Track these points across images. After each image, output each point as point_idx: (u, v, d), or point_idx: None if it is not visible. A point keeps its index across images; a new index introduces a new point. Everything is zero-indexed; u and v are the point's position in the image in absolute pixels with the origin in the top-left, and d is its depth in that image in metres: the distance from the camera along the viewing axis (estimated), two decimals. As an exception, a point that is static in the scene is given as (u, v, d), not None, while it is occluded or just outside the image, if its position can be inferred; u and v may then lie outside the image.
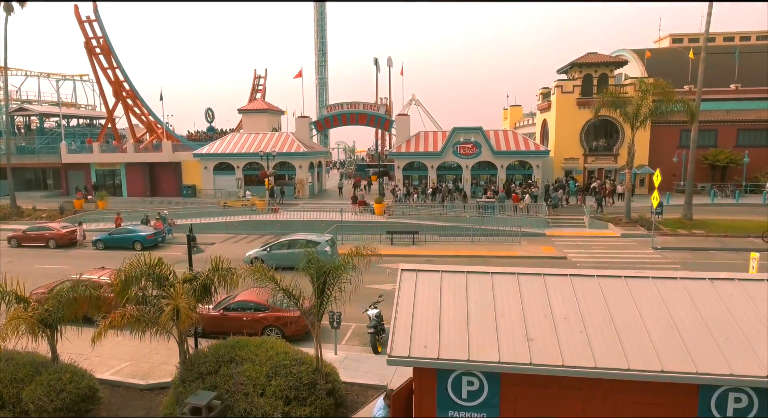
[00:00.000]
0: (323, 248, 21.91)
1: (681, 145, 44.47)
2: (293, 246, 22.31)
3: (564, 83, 43.96)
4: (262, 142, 45.75)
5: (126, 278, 10.14)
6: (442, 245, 27.09)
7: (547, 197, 34.23)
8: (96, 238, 28.58)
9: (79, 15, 42.83)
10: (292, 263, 22.14)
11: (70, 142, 49.03)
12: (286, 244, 22.70)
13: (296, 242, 22.47)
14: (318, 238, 22.74)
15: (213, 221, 33.57)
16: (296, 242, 22.52)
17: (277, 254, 22.26)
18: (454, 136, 41.99)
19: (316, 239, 22.52)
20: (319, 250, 22.19)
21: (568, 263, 22.93)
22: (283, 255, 22.15)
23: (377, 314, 14.80)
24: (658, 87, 29.46)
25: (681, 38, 56.03)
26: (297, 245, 22.36)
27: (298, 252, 22.44)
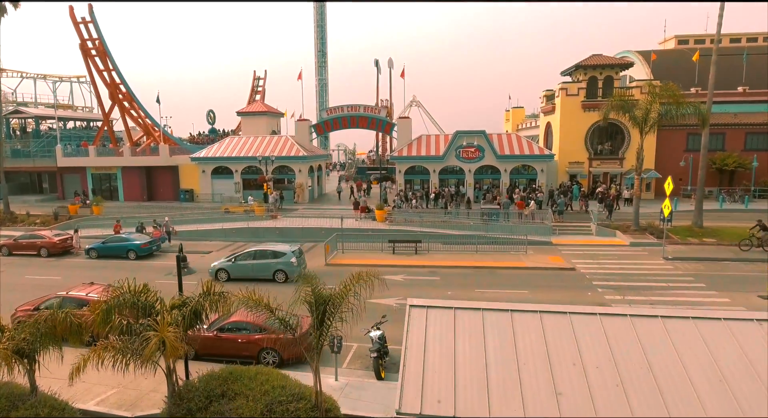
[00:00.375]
0: (288, 259, 21.37)
1: (688, 148, 43.67)
2: (259, 257, 21.83)
3: (568, 86, 43.11)
4: (261, 145, 44.92)
5: (107, 307, 9.28)
6: (446, 254, 26.24)
7: (552, 203, 33.37)
8: (89, 246, 27.74)
9: (74, 16, 41.98)
10: (257, 274, 21.41)
11: (65, 146, 48.19)
12: (251, 254, 22.18)
13: (262, 253, 21.98)
14: (284, 248, 22.20)
15: (210, 228, 32.72)
16: (262, 252, 22.05)
17: (243, 265, 21.75)
18: (456, 140, 41.15)
19: (282, 249, 22.03)
20: (284, 261, 21.63)
21: (578, 274, 22.09)
22: (249, 266, 21.62)
23: (380, 336, 13.96)
24: (667, 91, 28.62)
25: (687, 39, 55.21)
26: (262, 256, 21.78)
27: (264, 263, 21.76)
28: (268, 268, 21.49)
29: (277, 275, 21.56)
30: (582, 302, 18.30)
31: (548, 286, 20.42)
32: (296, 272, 21.38)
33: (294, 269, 21.19)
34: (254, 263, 21.77)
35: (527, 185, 41.47)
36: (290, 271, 21.25)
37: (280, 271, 21.45)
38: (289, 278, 21.36)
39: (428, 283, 21.24)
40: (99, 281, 22.69)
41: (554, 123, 45.89)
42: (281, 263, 21.48)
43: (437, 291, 19.94)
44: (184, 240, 31.06)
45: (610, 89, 43.35)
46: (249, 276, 21.28)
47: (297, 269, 21.28)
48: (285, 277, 21.47)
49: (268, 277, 21.48)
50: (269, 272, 21.49)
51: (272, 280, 21.60)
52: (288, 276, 21.37)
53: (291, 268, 21.31)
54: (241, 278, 21.29)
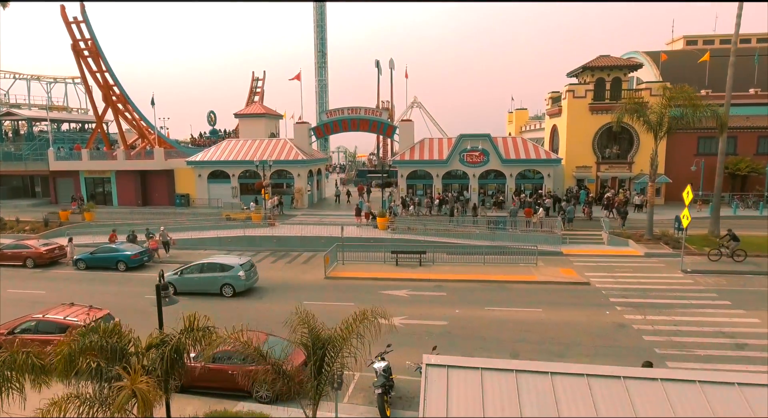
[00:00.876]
0: (236, 273, 20.63)
1: (699, 152, 42.44)
2: (206, 270, 21.14)
3: (576, 87, 41.83)
4: (258, 149, 43.64)
5: (70, 352, 7.98)
6: (452, 266, 24.95)
7: (561, 210, 32.07)
8: (76, 257, 26.43)
9: (66, 16, 40.68)
10: (205, 287, 20.22)
11: (58, 149, 46.87)
12: (198, 267, 21.44)
13: (209, 266, 21.28)
14: (232, 261, 21.41)
15: (205, 236, 31.41)
16: (209, 265, 21.34)
17: (190, 278, 21.01)
18: (460, 144, 39.88)
19: (230, 262, 21.27)
20: (231, 275, 20.81)
21: (593, 289, 20.80)
22: (195, 280, 20.89)
23: (385, 368, 12.64)
24: (683, 93, 27.33)
25: (695, 40, 53.94)
26: (210, 269, 21.07)
27: (211, 277, 20.57)
28: (215, 282, 20.92)
29: (224, 289, 20.91)
30: (600, 322, 17.05)
31: (562, 303, 19.12)
32: (244, 286, 20.65)
33: (241, 282, 20.75)
34: (201, 276, 21.11)
35: (533, 191, 40.19)
36: (237, 285, 20.68)
37: (228, 285, 20.85)
38: (236, 291, 20.67)
39: (434, 299, 19.95)
40: (86, 295, 21.50)
41: (560, 126, 44.62)
42: (228, 276, 20.83)
43: (444, 309, 18.65)
44: (177, 249, 29.89)
45: (618, 91, 42.13)
46: (196, 290, 20.86)
47: (244, 283, 20.76)
48: (232, 291, 20.83)
49: (215, 291, 20.92)
50: (216, 286, 20.92)
51: (219, 294, 20.93)
52: (235, 290, 20.69)
53: (238, 282, 20.76)
54: (188, 291, 20.74)
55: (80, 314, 14.97)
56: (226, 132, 72.58)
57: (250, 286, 21.38)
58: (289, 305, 20.04)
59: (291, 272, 24.94)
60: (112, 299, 20.92)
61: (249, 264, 21.68)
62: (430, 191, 41.03)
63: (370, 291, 21.18)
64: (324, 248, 28.23)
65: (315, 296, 20.78)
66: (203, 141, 69.75)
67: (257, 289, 22.01)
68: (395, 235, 30.14)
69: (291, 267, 26.13)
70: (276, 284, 22.69)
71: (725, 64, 45.58)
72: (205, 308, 12.51)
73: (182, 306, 20.05)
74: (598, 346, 15.17)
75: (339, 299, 20.13)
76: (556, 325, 16.89)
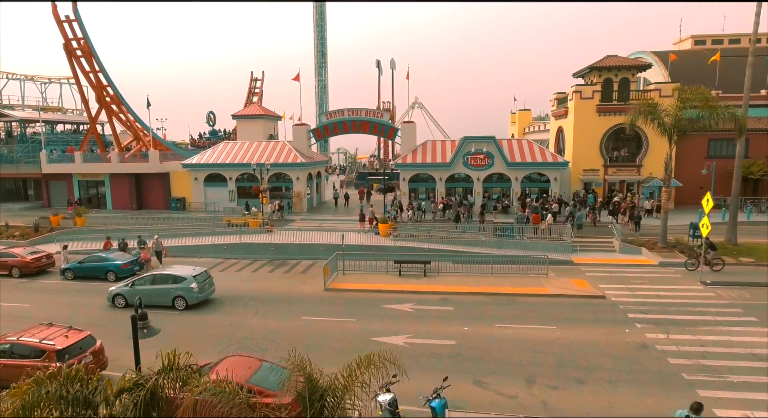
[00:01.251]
0: (188, 285, 19.74)
1: (709, 155, 41.22)
2: (158, 282, 20.31)
3: (583, 88, 40.61)
4: (256, 151, 42.47)
5: (23, 404, 6.79)
6: (458, 276, 23.74)
7: (570, 216, 30.86)
8: (64, 266, 25.23)
9: (58, 14, 39.48)
10: (156, 300, 19.10)
11: (50, 151, 45.68)
12: (150, 279, 20.61)
13: (161, 277, 20.43)
14: (185, 273, 20.46)
15: (200, 243, 30.20)
16: (161, 277, 20.49)
17: (141, 290, 20.08)
18: (464, 146, 38.69)
19: (183, 274, 20.34)
20: (183, 287, 19.87)
21: (608, 304, 19.59)
22: (147, 292, 19.92)
23: (390, 401, 11.42)
24: (699, 95, 26.15)
25: (704, 40, 52.75)
26: (162, 281, 20.21)
27: (163, 288, 19.42)
28: (167, 294, 20.05)
29: (176, 301, 20.03)
30: (620, 342, 15.85)
31: (577, 319, 17.93)
32: (197, 299, 19.78)
33: (194, 295, 19.88)
34: (152, 288, 20.23)
35: (539, 194, 38.99)
36: (190, 297, 19.86)
37: (180, 297, 19.96)
38: (189, 304, 19.86)
39: (441, 315, 18.74)
40: (71, 309, 20.30)
41: (567, 128, 43.41)
42: (180, 288, 19.94)
43: (451, 326, 17.45)
44: (171, 257, 28.70)
45: (627, 92, 40.95)
46: (148, 302, 19.90)
47: (197, 296, 19.86)
48: (185, 304, 19.92)
49: (167, 303, 20.01)
50: (168, 299, 20.03)
51: (172, 306, 20.00)
52: (188, 303, 19.87)
53: (191, 294, 19.88)
54: (139, 303, 19.50)
55: (58, 337, 13.77)
56: (226, 132, 71.45)
57: (205, 298, 20.51)
58: (288, 321, 19.01)
59: (289, 283, 23.74)
60: (99, 313, 19.76)
61: (204, 275, 20.78)
62: (433, 195, 39.84)
63: (373, 305, 19.98)
64: (324, 257, 27.07)
65: (314, 310, 19.59)
66: (203, 142, 68.65)
67: (214, 301, 21.00)
68: (398, 242, 28.94)
69: (289, 277, 24.92)
70: (273, 296, 21.50)
71: (735, 64, 44.73)
72: (154, 321, 11.36)
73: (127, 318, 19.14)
74: (621, 371, 13.97)
75: (339, 314, 18.95)
76: (572, 345, 15.69)
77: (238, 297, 21.46)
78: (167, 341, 16.32)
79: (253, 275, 25.31)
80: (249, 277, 25.02)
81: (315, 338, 16.75)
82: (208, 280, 20.90)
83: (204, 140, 69.68)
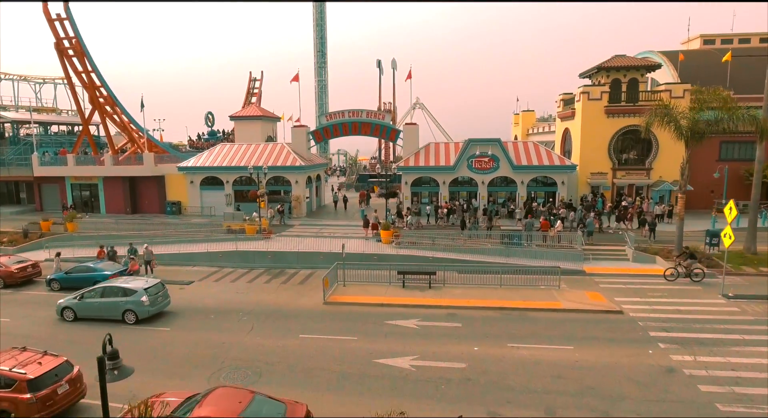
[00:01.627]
0: (138, 298, 18.77)
1: (720, 158, 40.01)
2: (108, 294, 19.32)
3: (591, 89, 39.40)
4: (254, 154, 41.25)
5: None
6: (465, 287, 22.50)
7: (580, 222, 29.61)
8: (50, 276, 24.01)
9: (48, 13, 38.25)
10: (106, 313, 17.90)
11: (42, 153, 44.45)
12: (99, 291, 19.57)
13: (111, 290, 19.41)
14: (136, 285, 19.44)
15: (194, 251, 28.95)
16: (111, 289, 19.45)
17: (90, 303, 19.27)
18: (468, 149, 37.46)
19: (134, 286, 19.33)
20: (133, 300, 18.84)
21: (627, 320, 18.36)
22: (96, 305, 19.14)
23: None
24: (717, 96, 24.94)
25: (712, 39, 51.47)
26: (112, 294, 19.23)
27: (112, 302, 18.19)
28: (116, 307, 19.09)
29: (126, 315, 19.04)
30: (644, 365, 14.62)
31: (596, 338, 16.69)
32: (147, 313, 18.84)
33: (144, 309, 18.89)
34: (102, 301, 19.31)
35: (546, 199, 37.77)
36: (140, 311, 18.91)
37: (130, 311, 18.97)
38: (139, 318, 18.90)
39: (448, 332, 17.50)
40: (54, 326, 18.99)
41: (573, 129, 42.20)
42: (131, 302, 18.96)
43: (460, 346, 16.21)
44: (163, 265, 27.50)
45: (635, 93, 39.78)
46: (97, 316, 19.25)
47: (148, 309, 18.96)
48: (135, 318, 18.93)
49: (117, 317, 19.05)
50: (118, 312, 19.06)
51: (122, 321, 19.01)
52: (138, 317, 18.92)
53: (141, 308, 18.89)
54: (88, 317, 19.11)
55: (31, 364, 12.54)
56: (225, 133, 70.22)
57: (157, 311, 19.55)
58: (285, 339, 17.65)
59: (286, 295, 22.48)
60: (82, 331, 18.48)
61: (156, 288, 19.76)
62: (436, 199, 38.60)
63: (375, 321, 18.74)
64: (323, 265, 25.92)
65: (312, 326, 18.34)
66: (201, 143, 67.40)
67: (169, 314, 19.97)
68: (401, 250, 27.71)
69: (286, 288, 23.67)
70: (269, 310, 20.25)
71: (747, 64, 43.54)
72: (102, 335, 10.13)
73: (80, 334, 17.90)
74: (649, 400, 12.73)
75: (340, 331, 17.71)
76: (593, 369, 14.46)
77: (232, 311, 20.23)
78: (151, 364, 15.11)
79: (249, 286, 24.07)
80: (244, 288, 23.78)
81: (314, 359, 15.52)
82: (162, 292, 19.93)
83: (202, 141, 68.45)
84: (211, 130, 70.51)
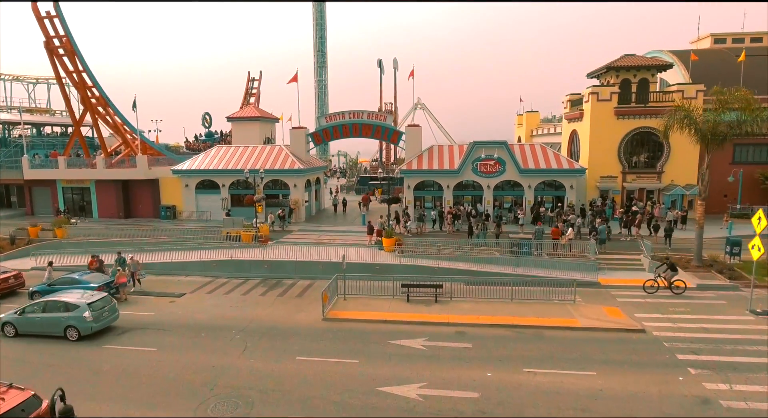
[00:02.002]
0: (81, 313, 17.61)
1: (735, 161, 38.64)
2: (49, 309, 18.20)
3: (600, 89, 38.04)
4: (251, 156, 39.90)
5: None
6: (474, 302, 21.13)
7: (593, 229, 28.24)
8: (32, 289, 22.63)
9: (38, 10, 36.88)
10: (47, 329, 18.22)
11: (33, 156, 43.11)
12: (41, 306, 18.42)
13: (53, 305, 18.28)
14: (79, 300, 18.24)
15: (187, 260, 27.54)
16: (53, 304, 18.32)
17: (31, 318, 18.16)
18: (474, 152, 36.10)
19: (76, 301, 18.15)
20: (75, 316, 17.60)
21: (651, 340, 16.97)
22: (37, 320, 18.02)
23: None
24: (739, 97, 23.57)
25: (723, 38, 50.09)
26: (53, 308, 18.10)
27: (54, 317, 18.20)
28: (58, 323, 17.92)
29: (68, 331, 17.84)
30: (676, 396, 13.22)
31: (619, 362, 15.31)
32: (90, 329, 17.64)
33: (87, 325, 17.75)
34: (43, 316, 18.14)
35: (554, 203, 36.39)
36: (83, 327, 17.75)
37: (72, 327, 17.75)
38: (82, 335, 17.75)
39: (458, 354, 16.11)
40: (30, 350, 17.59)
41: (582, 131, 40.84)
42: (72, 317, 17.79)
43: (472, 371, 14.82)
44: (155, 275, 26.18)
45: (646, 94, 38.45)
46: (39, 332, 18.14)
47: (91, 325, 17.80)
48: (77, 334, 17.71)
49: (59, 333, 17.88)
50: (60, 328, 17.90)
51: (64, 337, 17.80)
52: (80, 333, 17.76)
53: (83, 324, 17.71)
54: (30, 333, 18.00)
55: (-5, 396, 11.18)
56: (223, 134, 68.95)
57: (102, 327, 18.29)
58: (280, 362, 16.03)
59: (283, 310, 21.09)
60: (29, 348, 17.09)
61: (102, 302, 18.58)
62: (440, 203, 37.21)
63: (379, 340, 17.36)
64: (323, 276, 24.60)
65: (311, 347, 16.95)
66: (198, 145, 66.10)
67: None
68: (404, 259, 26.33)
69: (283, 302, 22.28)
70: (264, 327, 18.85)
71: (760, 64, 42.15)
72: (39, 353, 8.70)
73: (20, 351, 16.70)
74: (687, 440, 11.36)
75: (340, 353, 16.32)
76: (620, 400, 13.07)
77: (224, 328, 18.84)
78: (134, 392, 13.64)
79: (244, 299, 22.69)
80: (238, 301, 22.39)
81: (312, 386, 14.13)
82: (109, 307, 18.70)
83: (199, 143, 67.17)
84: (208, 131, 69.25)
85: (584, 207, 35.53)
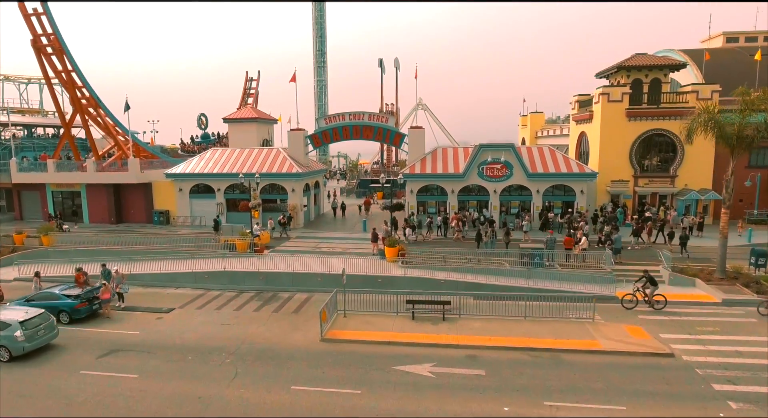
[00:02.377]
0: (12, 333, 16.59)
1: (751, 165, 37.08)
2: None
3: (611, 90, 36.49)
4: (248, 159, 38.40)
5: None
6: (484, 319, 19.59)
7: (607, 238, 26.71)
8: (8, 305, 20.98)
9: (25, 8, 35.36)
10: None
11: (21, 159, 41.56)
12: None
13: None
14: (12, 317, 17.02)
15: (178, 271, 25.98)
16: None
17: None
18: (480, 155, 34.57)
19: (8, 319, 16.96)
20: (6, 335, 16.28)
21: (681, 366, 15.42)
22: None
23: None
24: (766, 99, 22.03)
25: (736, 37, 48.50)
26: None
27: None
28: None
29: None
30: (720, 437, 11.67)
31: (649, 393, 13.77)
32: (22, 350, 16.37)
33: (18, 345, 16.57)
34: None
35: (564, 209, 34.83)
36: (14, 348, 16.60)
37: (2, 347, 16.52)
38: (13, 356, 16.62)
39: (470, 384, 14.56)
40: None
41: (591, 133, 39.31)
42: (3, 337, 16.54)
43: (487, 403, 13.29)
44: (144, 287, 24.68)
45: (658, 94, 36.91)
46: None
47: (23, 346, 16.59)
48: (8, 355, 16.65)
49: None
50: None
51: None
52: (12, 354, 16.62)
53: (15, 344, 16.49)
54: None
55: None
56: (219, 136, 67.46)
57: (35, 348, 16.99)
58: (273, 392, 13.98)
59: (278, 328, 19.54)
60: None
61: (39, 319, 17.25)
62: (444, 209, 35.67)
63: (382, 365, 15.81)
64: (321, 288, 23.12)
65: (307, 373, 15.39)
66: (194, 147, 64.60)
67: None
68: (408, 270, 24.78)
69: (278, 318, 20.73)
70: (257, 349, 17.31)
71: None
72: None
73: None
74: None
75: (340, 382, 14.77)
76: (656, 442, 11.54)
77: (214, 350, 17.30)
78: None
79: (236, 316, 21.13)
80: (230, 318, 20.83)
81: (307, 424, 12.59)
82: (46, 324, 17.35)
83: (195, 145, 65.67)
84: (204, 132, 67.77)
85: (597, 213, 34.03)
